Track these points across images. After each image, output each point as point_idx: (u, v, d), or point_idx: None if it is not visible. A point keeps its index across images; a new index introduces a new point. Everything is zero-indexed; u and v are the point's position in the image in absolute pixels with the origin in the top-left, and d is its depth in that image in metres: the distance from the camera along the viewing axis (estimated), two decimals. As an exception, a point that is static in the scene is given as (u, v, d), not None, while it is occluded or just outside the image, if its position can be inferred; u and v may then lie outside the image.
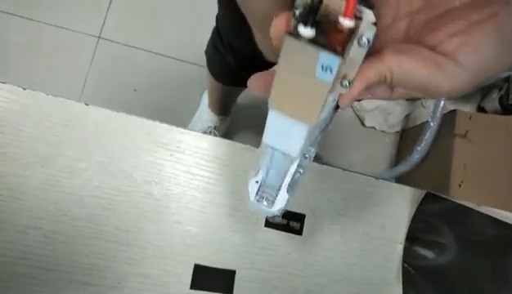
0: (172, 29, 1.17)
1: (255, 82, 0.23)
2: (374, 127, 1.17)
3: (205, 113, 1.05)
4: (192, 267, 0.34)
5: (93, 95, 1.10)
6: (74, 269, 0.33)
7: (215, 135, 0.83)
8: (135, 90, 1.12)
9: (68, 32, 1.14)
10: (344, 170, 0.39)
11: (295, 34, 0.16)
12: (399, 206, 0.39)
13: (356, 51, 0.18)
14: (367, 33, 0.17)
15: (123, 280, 0.33)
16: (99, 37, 1.15)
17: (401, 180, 1.04)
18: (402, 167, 1.02)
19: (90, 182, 0.34)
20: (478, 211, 0.37)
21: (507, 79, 1.05)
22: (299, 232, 0.37)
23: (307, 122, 0.19)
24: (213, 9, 0.62)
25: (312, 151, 0.27)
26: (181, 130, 0.37)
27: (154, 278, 0.34)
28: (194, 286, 0.34)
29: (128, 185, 0.35)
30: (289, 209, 0.37)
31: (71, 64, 1.12)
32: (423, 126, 1.01)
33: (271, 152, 0.24)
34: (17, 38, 1.11)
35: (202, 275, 0.34)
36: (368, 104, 1.16)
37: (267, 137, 0.22)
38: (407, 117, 1.18)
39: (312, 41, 0.16)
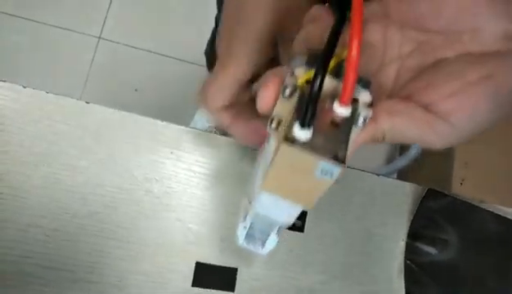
0: (173, 29, 1.17)
1: (238, 129, 0.22)
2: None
3: (206, 113, 1.05)
4: (194, 265, 0.34)
5: (94, 95, 1.10)
6: (76, 267, 0.33)
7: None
8: (136, 90, 1.12)
9: (68, 32, 1.14)
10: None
11: (290, 139, 0.15)
12: (401, 203, 0.39)
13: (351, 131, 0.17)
14: (363, 113, 0.17)
15: (125, 278, 0.33)
16: (99, 37, 1.15)
17: (402, 178, 1.04)
18: (399, 163, 1.02)
19: (91, 180, 0.34)
20: (480, 208, 0.37)
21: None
22: (301, 229, 0.37)
23: (305, 207, 0.19)
24: (213, 9, 0.62)
25: None
26: (182, 128, 0.37)
27: (155, 276, 0.34)
28: (196, 283, 0.34)
29: (129, 183, 0.35)
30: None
31: (72, 64, 1.13)
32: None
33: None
34: (18, 39, 1.12)
35: (204, 273, 0.34)
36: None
37: (258, 207, 0.20)
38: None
39: (309, 143, 0.15)
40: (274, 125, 0.17)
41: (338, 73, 0.17)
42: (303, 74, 0.17)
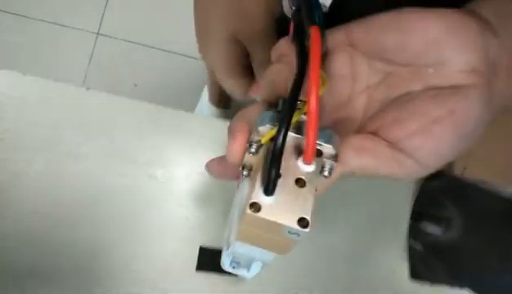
0: (172, 23, 1.17)
1: (213, 167, 0.23)
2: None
3: (206, 107, 1.05)
4: (197, 249, 0.34)
5: (93, 91, 1.10)
6: (79, 254, 0.33)
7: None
8: (135, 85, 1.12)
9: (66, 29, 1.14)
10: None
11: (256, 207, 0.16)
12: (403, 184, 0.39)
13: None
14: (328, 165, 0.17)
15: (128, 264, 0.33)
16: (98, 33, 1.15)
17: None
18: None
19: (93, 166, 0.34)
20: (483, 188, 0.37)
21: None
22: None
23: (281, 255, 0.19)
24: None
25: None
26: (184, 113, 0.37)
27: (159, 261, 0.34)
28: (200, 268, 0.34)
29: (131, 169, 0.35)
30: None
31: (70, 61, 1.12)
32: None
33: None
34: (15, 37, 1.11)
35: (208, 257, 0.34)
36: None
37: (236, 247, 0.21)
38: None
39: (274, 207, 0.16)
40: (246, 173, 0.18)
41: (300, 128, 0.18)
42: (267, 132, 0.17)
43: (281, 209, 0.16)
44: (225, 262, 0.28)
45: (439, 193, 0.37)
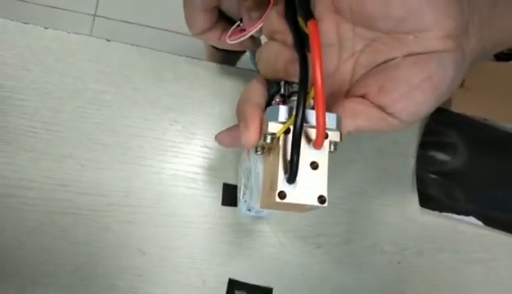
0: (170, 1, 1.17)
1: (223, 139, 0.25)
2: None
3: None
4: (221, 186, 0.36)
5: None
6: (111, 192, 0.35)
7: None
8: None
9: (62, 12, 1.13)
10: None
11: (282, 195, 0.19)
12: (411, 121, 0.41)
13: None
14: (333, 144, 0.20)
15: (159, 200, 0.35)
16: (94, 15, 1.15)
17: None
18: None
19: (118, 112, 0.36)
20: (483, 122, 0.40)
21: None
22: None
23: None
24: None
25: None
26: (198, 61, 0.39)
27: (187, 198, 0.36)
28: (225, 203, 0.36)
29: (154, 114, 0.37)
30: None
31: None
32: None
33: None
34: (13, 21, 1.11)
35: (231, 193, 0.36)
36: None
37: (255, 207, 0.24)
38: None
39: (297, 192, 0.19)
40: (260, 152, 0.21)
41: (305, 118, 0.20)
42: (279, 127, 0.19)
43: (303, 192, 0.19)
44: (242, 209, 0.33)
45: (444, 126, 0.40)
